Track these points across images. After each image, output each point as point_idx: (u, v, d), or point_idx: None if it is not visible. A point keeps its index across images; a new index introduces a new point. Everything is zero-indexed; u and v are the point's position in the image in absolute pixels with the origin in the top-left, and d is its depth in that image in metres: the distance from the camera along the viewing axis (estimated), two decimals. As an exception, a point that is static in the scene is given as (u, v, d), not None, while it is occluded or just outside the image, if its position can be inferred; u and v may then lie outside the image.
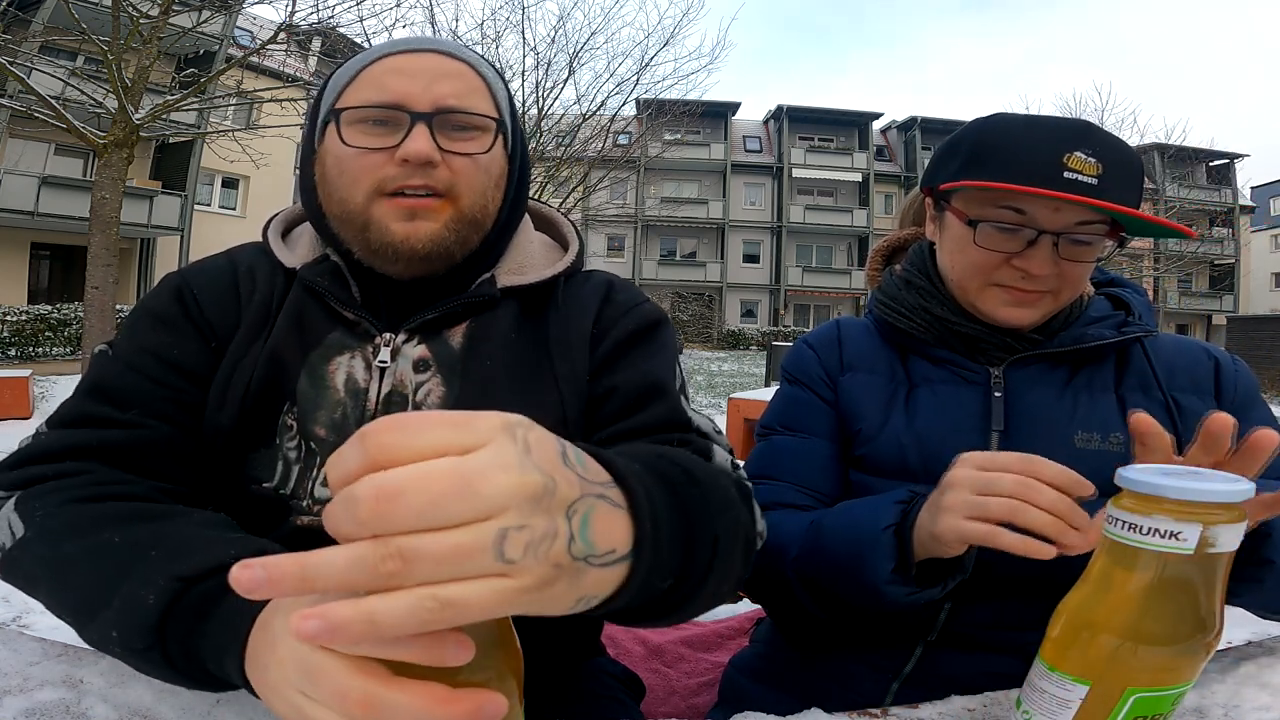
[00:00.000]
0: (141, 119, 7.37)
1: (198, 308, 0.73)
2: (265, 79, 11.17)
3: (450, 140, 0.71)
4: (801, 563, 0.74)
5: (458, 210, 0.72)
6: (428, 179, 0.70)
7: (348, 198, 0.71)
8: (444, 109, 0.70)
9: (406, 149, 0.68)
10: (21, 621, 2.43)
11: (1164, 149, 20.21)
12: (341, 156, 0.71)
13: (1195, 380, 0.83)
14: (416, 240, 0.70)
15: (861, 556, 0.68)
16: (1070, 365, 0.82)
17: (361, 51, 0.76)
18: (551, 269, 0.79)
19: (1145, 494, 0.47)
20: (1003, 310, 0.80)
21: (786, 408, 0.92)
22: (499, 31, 12.17)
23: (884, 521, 0.68)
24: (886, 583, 0.66)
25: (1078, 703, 0.50)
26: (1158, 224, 0.75)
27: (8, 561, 0.59)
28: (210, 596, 0.48)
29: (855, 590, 0.69)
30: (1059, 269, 0.77)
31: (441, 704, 0.34)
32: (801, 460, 0.87)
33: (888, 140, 30.85)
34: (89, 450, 0.64)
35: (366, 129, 0.70)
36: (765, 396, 5.17)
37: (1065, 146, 0.73)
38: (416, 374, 0.71)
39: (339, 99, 0.73)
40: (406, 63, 0.71)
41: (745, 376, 14.28)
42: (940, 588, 0.68)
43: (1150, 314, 0.86)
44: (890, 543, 0.67)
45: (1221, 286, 28.11)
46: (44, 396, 8.07)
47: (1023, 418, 0.80)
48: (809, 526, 0.75)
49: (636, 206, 27.20)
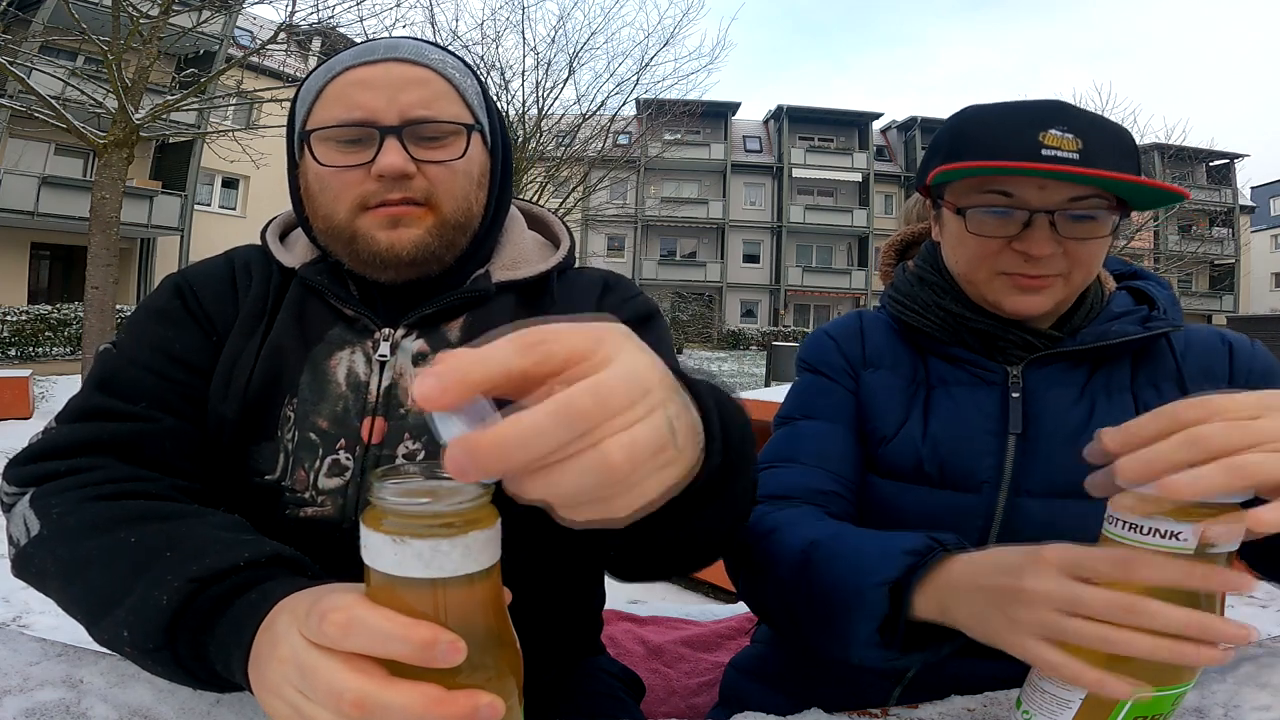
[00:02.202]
0: (141, 119, 7.37)
1: (197, 301, 0.75)
2: (265, 79, 11.15)
3: (423, 149, 0.71)
4: (781, 588, 0.67)
5: (439, 217, 0.72)
6: (406, 191, 0.70)
7: (331, 214, 0.72)
8: (412, 120, 0.70)
9: (380, 165, 0.69)
10: (21, 621, 2.43)
11: (1164, 149, 20.16)
12: (320, 175, 0.72)
13: (1209, 369, 0.80)
14: (401, 247, 0.71)
15: (845, 606, 0.59)
16: (1090, 364, 0.80)
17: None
18: (545, 264, 0.81)
19: (1145, 494, 0.47)
20: (1012, 299, 0.77)
21: (807, 396, 0.89)
22: (499, 31, 12.21)
23: (882, 574, 0.57)
24: (863, 643, 0.58)
25: (1077, 703, 0.50)
26: (1150, 186, 0.71)
27: (21, 558, 0.60)
28: (222, 598, 0.49)
29: (824, 638, 0.62)
30: (1063, 249, 0.74)
31: (437, 705, 0.34)
32: (827, 444, 0.84)
33: (888, 140, 30.82)
34: (101, 445, 0.65)
35: (339, 147, 0.71)
36: (765, 396, 5.15)
37: (1041, 125, 0.72)
38: (416, 367, 0.72)
39: (308, 118, 0.73)
40: (369, 75, 0.71)
41: (745, 376, 14.27)
42: (929, 653, 0.59)
43: (1176, 307, 0.82)
44: (882, 600, 0.57)
45: (1221, 286, 28.08)
46: (44, 396, 8.07)
47: (1041, 420, 0.78)
48: (802, 550, 0.66)
49: (636, 206, 27.18)
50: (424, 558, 0.34)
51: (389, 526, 0.35)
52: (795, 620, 0.67)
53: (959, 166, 0.74)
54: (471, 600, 0.36)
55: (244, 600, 0.48)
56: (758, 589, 0.72)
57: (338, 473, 0.69)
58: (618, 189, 20.94)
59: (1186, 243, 24.40)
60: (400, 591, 0.35)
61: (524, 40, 19.87)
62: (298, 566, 0.54)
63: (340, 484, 0.69)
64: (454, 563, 0.35)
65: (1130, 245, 17.36)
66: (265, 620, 0.44)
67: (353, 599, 0.36)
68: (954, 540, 0.60)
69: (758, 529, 0.73)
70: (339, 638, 0.35)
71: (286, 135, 0.78)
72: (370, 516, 0.36)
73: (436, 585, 0.35)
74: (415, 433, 0.70)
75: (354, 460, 0.69)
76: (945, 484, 0.79)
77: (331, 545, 0.67)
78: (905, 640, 0.58)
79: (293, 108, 0.77)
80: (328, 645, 0.36)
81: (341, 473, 0.69)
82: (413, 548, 0.34)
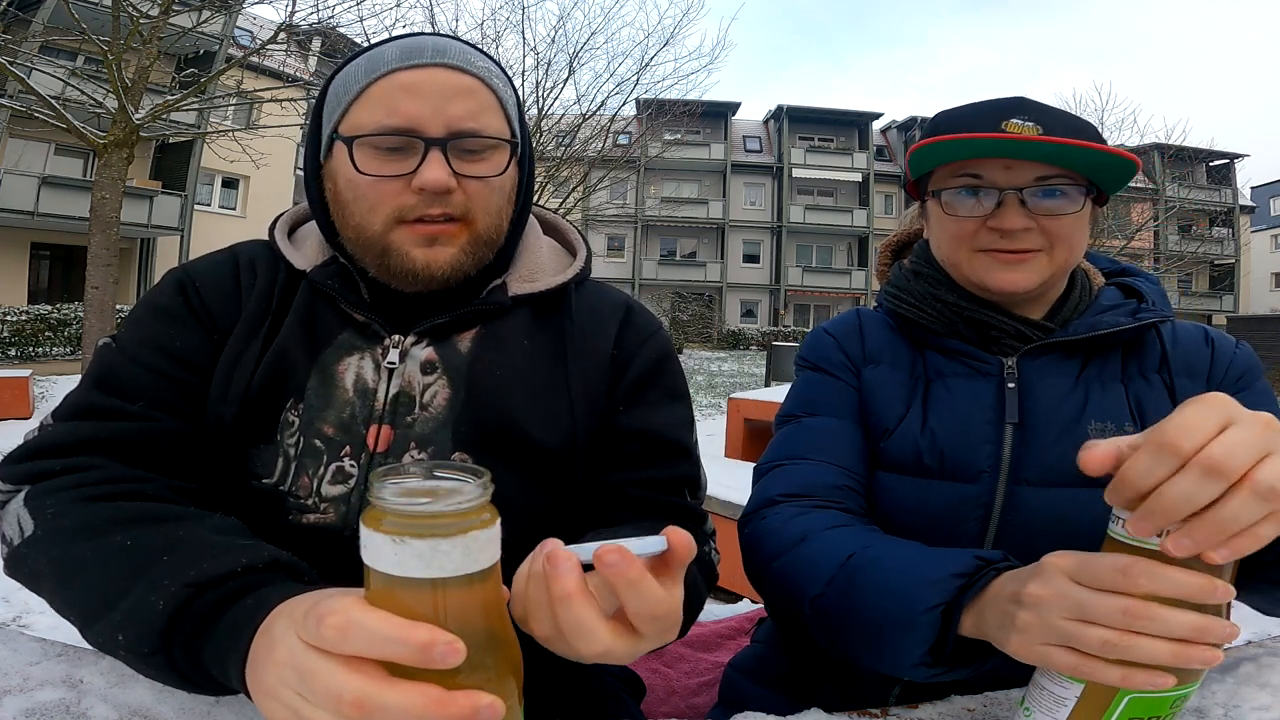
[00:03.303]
0: (141, 119, 7.37)
1: (199, 299, 0.73)
2: (265, 79, 11.16)
3: (465, 163, 0.69)
4: (824, 604, 0.67)
5: (474, 233, 0.72)
6: (445, 206, 0.69)
7: (364, 224, 0.70)
8: (458, 133, 0.69)
9: (424, 179, 0.67)
10: (21, 621, 2.43)
11: (1164, 149, 20.15)
12: (354, 181, 0.69)
13: (1191, 365, 0.83)
14: (437, 266, 0.70)
15: (897, 629, 0.59)
16: (1083, 355, 0.82)
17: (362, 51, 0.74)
18: (562, 276, 0.80)
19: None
20: (995, 274, 0.79)
21: (810, 394, 0.89)
22: (499, 31, 12.17)
23: (933, 600, 0.58)
24: (913, 665, 0.59)
25: (1073, 700, 0.50)
26: (1101, 151, 0.73)
27: (14, 558, 0.59)
28: (219, 603, 0.49)
29: (869, 655, 0.63)
30: (1039, 226, 0.77)
31: (437, 705, 0.34)
32: (835, 439, 0.84)
33: (888, 140, 30.83)
34: (98, 444, 0.64)
35: (379, 154, 0.68)
36: (765, 396, 5.16)
37: (1003, 116, 0.77)
38: (424, 376, 0.71)
39: (345, 117, 0.71)
40: (415, 80, 0.69)
41: (745, 376, 14.26)
42: (974, 668, 0.60)
43: (1165, 301, 0.85)
44: (932, 625, 0.57)
45: (1221, 286, 28.08)
46: (44, 396, 8.07)
47: (1037, 409, 0.79)
48: (842, 565, 0.67)
49: (636, 206, 27.18)
50: (424, 558, 0.34)
51: (389, 527, 0.35)
52: (833, 634, 0.67)
53: (927, 141, 0.78)
54: (471, 600, 0.36)
55: (240, 605, 0.48)
56: (789, 595, 0.72)
57: (341, 480, 0.68)
58: (618, 189, 20.94)
59: (1186, 243, 24.42)
60: (400, 592, 0.35)
61: (524, 40, 19.95)
62: (295, 572, 0.54)
63: (344, 491, 0.68)
64: (454, 563, 0.35)
65: (1130, 245, 17.35)
66: (262, 625, 0.44)
67: (350, 602, 0.36)
68: (1000, 557, 0.60)
69: (784, 534, 0.74)
70: (337, 641, 0.35)
71: (310, 131, 0.76)
72: (370, 517, 0.36)
73: (436, 585, 0.35)
74: (421, 442, 0.69)
75: (358, 468, 0.69)
76: (945, 475, 0.79)
77: (332, 552, 0.66)
78: (951, 656, 0.59)
79: (319, 103, 0.75)
80: (326, 648, 0.36)
81: (345, 480, 0.68)
82: (413, 548, 0.34)
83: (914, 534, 0.81)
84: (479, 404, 0.71)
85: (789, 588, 0.72)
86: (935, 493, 0.80)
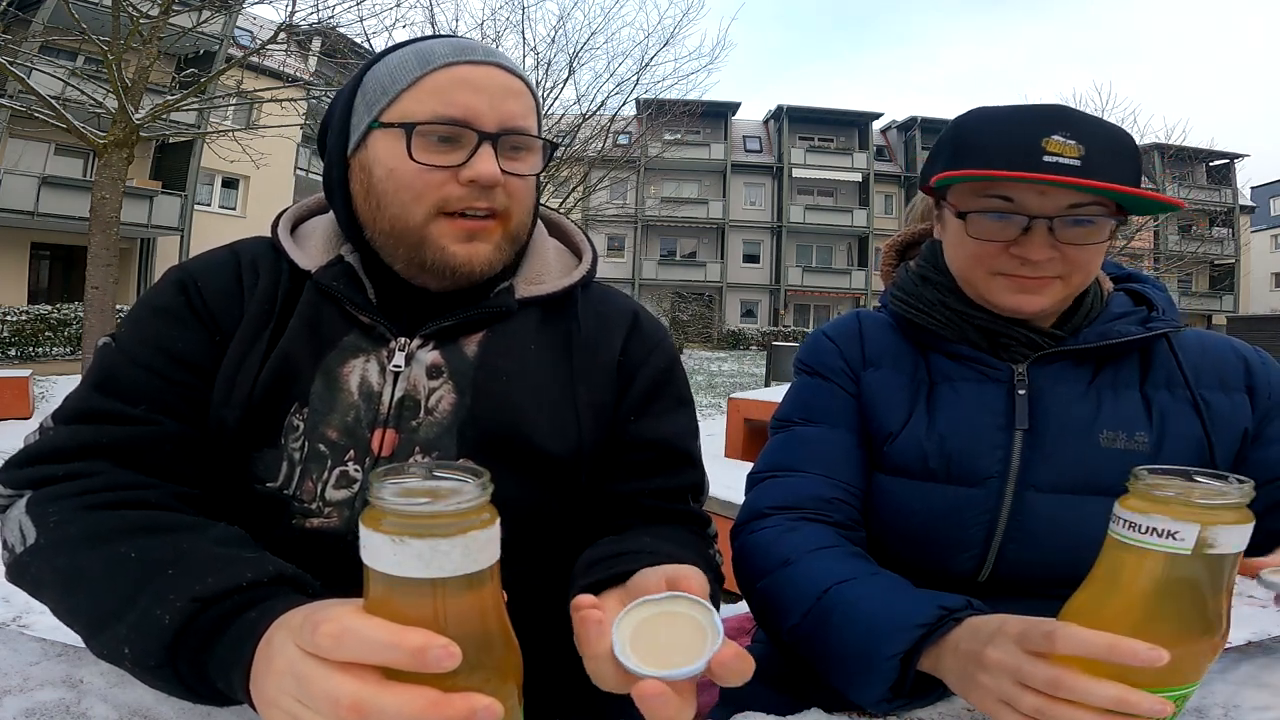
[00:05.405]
0: (141, 119, 7.36)
1: (201, 299, 0.72)
2: (265, 79, 11.14)
3: (508, 160, 0.70)
4: (799, 634, 0.71)
5: (507, 230, 0.72)
6: (490, 200, 0.70)
7: (403, 215, 0.70)
8: (509, 129, 0.70)
9: (477, 170, 0.67)
10: (21, 621, 2.43)
11: (1164, 149, 20.13)
12: (398, 171, 0.69)
13: (1224, 378, 0.82)
14: (476, 263, 0.70)
15: (861, 670, 0.63)
16: (1094, 363, 0.81)
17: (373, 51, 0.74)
18: (568, 278, 0.80)
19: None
20: (1009, 297, 0.78)
21: (806, 399, 0.89)
22: (499, 31, 12.12)
23: (895, 648, 0.61)
24: (873, 700, 0.62)
25: None
26: (1150, 199, 0.72)
27: (16, 566, 0.58)
28: (223, 617, 0.49)
29: (836, 681, 0.67)
30: (1061, 254, 0.75)
31: (434, 707, 0.34)
32: (829, 450, 0.84)
33: (888, 140, 30.82)
34: (100, 449, 0.63)
35: (430, 144, 0.68)
36: (765, 396, 5.16)
37: (1043, 131, 0.72)
38: (429, 380, 0.71)
39: (393, 105, 0.70)
40: (473, 75, 0.70)
41: (745, 376, 14.26)
42: (932, 699, 0.64)
43: (1174, 309, 0.84)
44: (893, 669, 0.61)
45: (1221, 286, 28.07)
46: (44, 396, 8.06)
47: (1048, 416, 0.79)
48: (818, 599, 0.69)
49: (636, 206, 27.16)
50: (424, 558, 0.34)
51: (388, 527, 0.35)
52: (808, 655, 0.70)
53: (961, 174, 0.75)
54: (471, 600, 0.36)
55: (243, 619, 0.48)
56: (771, 617, 0.75)
57: (345, 484, 0.68)
58: (618, 189, 20.95)
59: (1186, 243, 24.42)
60: (399, 592, 0.35)
61: (524, 40, 19.85)
62: (300, 585, 0.54)
63: (348, 495, 0.68)
64: (454, 563, 0.35)
65: (1130, 245, 17.35)
66: (263, 636, 0.44)
67: (345, 610, 0.36)
68: (962, 604, 0.61)
69: (770, 554, 0.75)
70: (332, 647, 0.35)
71: (338, 123, 0.74)
72: (370, 517, 0.36)
73: (436, 585, 0.35)
74: (426, 447, 0.69)
75: (363, 472, 0.68)
76: (951, 479, 0.79)
77: (336, 557, 0.65)
78: (911, 690, 0.62)
79: (351, 94, 0.74)
80: (322, 655, 0.36)
81: (350, 484, 0.68)
82: (412, 548, 0.34)
83: (916, 538, 0.81)
84: (484, 409, 0.70)
85: (770, 611, 0.74)
86: (939, 497, 0.79)
